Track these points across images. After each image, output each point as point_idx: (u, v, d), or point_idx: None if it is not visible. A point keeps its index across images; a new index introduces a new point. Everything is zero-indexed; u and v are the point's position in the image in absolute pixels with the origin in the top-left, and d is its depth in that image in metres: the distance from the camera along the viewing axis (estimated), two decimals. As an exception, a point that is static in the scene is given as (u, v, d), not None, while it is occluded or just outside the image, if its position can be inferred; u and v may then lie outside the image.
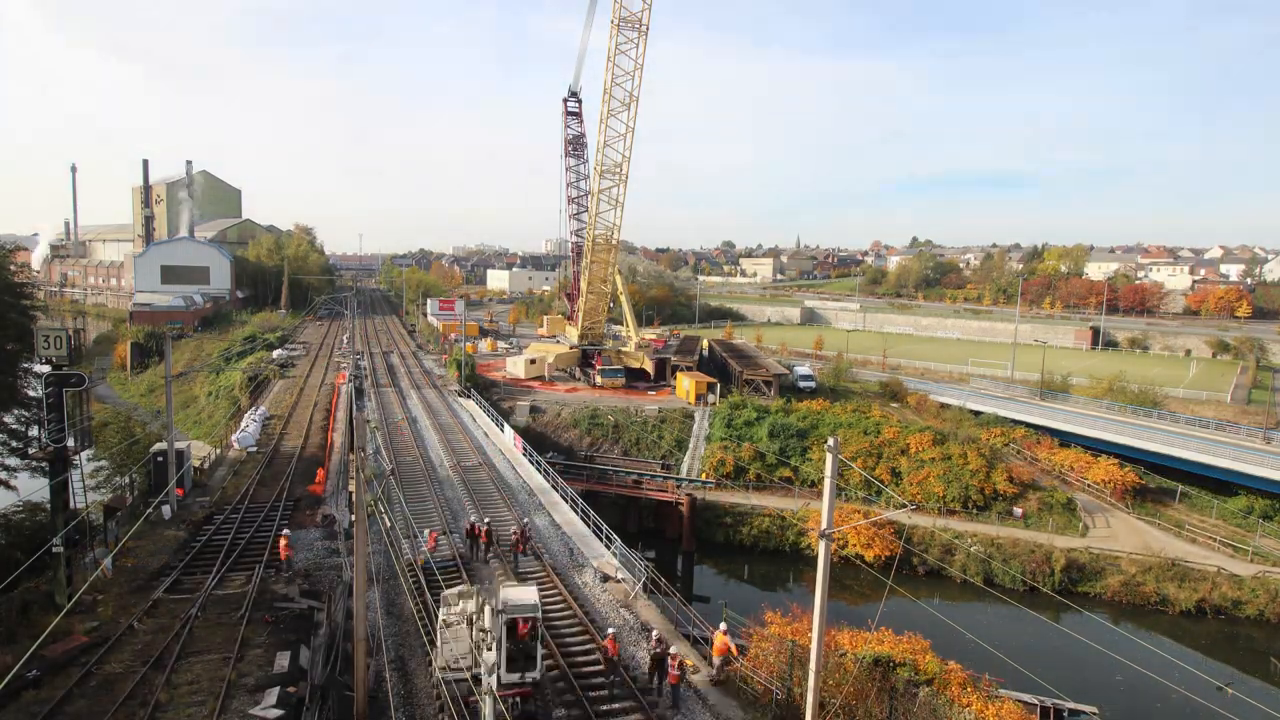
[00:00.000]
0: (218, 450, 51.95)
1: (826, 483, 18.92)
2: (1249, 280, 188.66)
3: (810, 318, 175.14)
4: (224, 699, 20.94)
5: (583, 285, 78.30)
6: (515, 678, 20.73)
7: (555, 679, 24.03)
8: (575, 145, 77.72)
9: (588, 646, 26.22)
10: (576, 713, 22.34)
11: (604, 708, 22.57)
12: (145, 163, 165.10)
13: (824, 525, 19.01)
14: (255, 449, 50.95)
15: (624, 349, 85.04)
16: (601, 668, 24.20)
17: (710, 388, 71.01)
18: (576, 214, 78.36)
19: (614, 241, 71.74)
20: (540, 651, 21.30)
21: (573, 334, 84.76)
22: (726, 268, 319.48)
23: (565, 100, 77.52)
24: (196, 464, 46.02)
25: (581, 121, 77.85)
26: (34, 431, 42.20)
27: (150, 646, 23.91)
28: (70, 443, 28.27)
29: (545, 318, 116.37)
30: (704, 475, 57.22)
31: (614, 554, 34.48)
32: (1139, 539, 49.94)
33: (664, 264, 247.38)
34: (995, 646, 31.80)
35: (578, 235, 79.27)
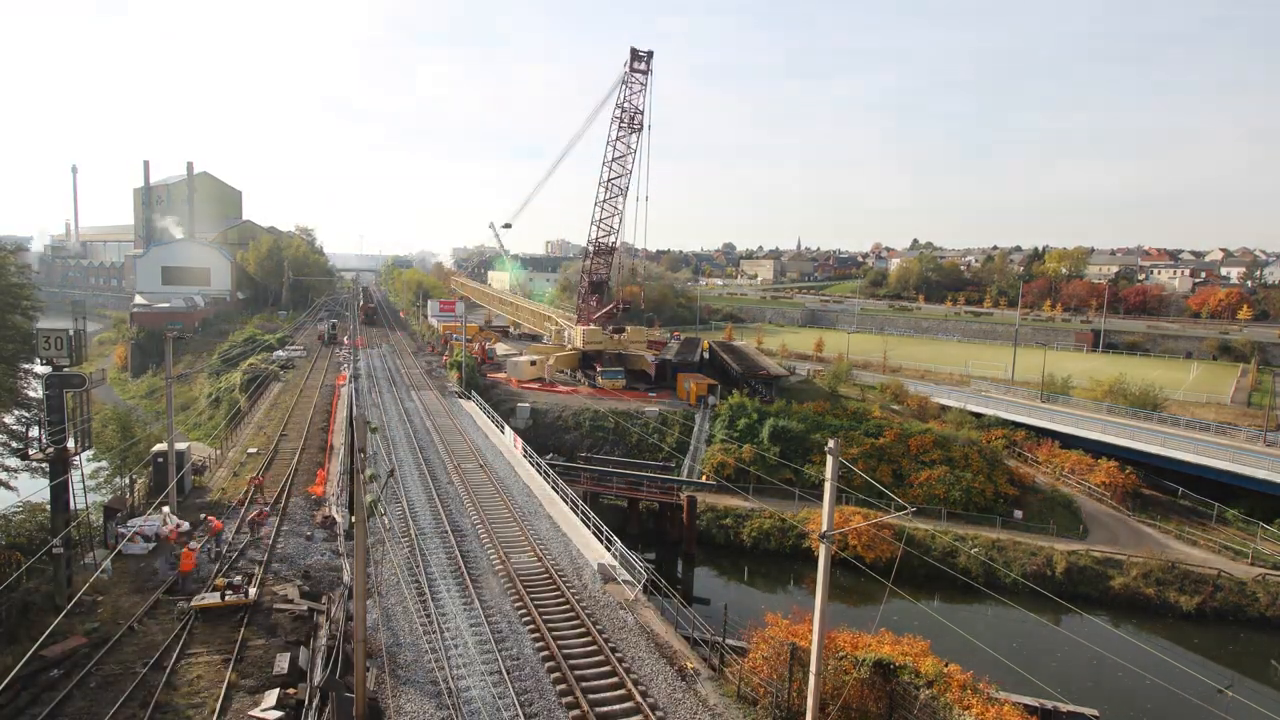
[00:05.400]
0: (218, 450, 51.95)
1: (827, 485, 18.94)
2: (1249, 283, 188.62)
3: (811, 319, 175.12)
4: (224, 700, 20.96)
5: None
6: None
7: (557, 680, 24.03)
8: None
9: (592, 648, 26.20)
10: (569, 698, 22.89)
11: (603, 710, 22.58)
12: (146, 163, 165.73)
13: (824, 527, 19.02)
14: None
15: (628, 349, 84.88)
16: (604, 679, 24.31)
17: (711, 389, 70.96)
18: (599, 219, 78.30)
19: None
20: None
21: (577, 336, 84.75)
22: (728, 269, 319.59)
23: None
24: (197, 463, 46.04)
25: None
26: (34, 432, 42.13)
27: (150, 647, 23.93)
28: (70, 444, 28.29)
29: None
30: (705, 477, 57.11)
31: (614, 555, 34.45)
32: (1140, 541, 49.95)
33: (664, 266, 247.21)
34: (996, 649, 31.84)
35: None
